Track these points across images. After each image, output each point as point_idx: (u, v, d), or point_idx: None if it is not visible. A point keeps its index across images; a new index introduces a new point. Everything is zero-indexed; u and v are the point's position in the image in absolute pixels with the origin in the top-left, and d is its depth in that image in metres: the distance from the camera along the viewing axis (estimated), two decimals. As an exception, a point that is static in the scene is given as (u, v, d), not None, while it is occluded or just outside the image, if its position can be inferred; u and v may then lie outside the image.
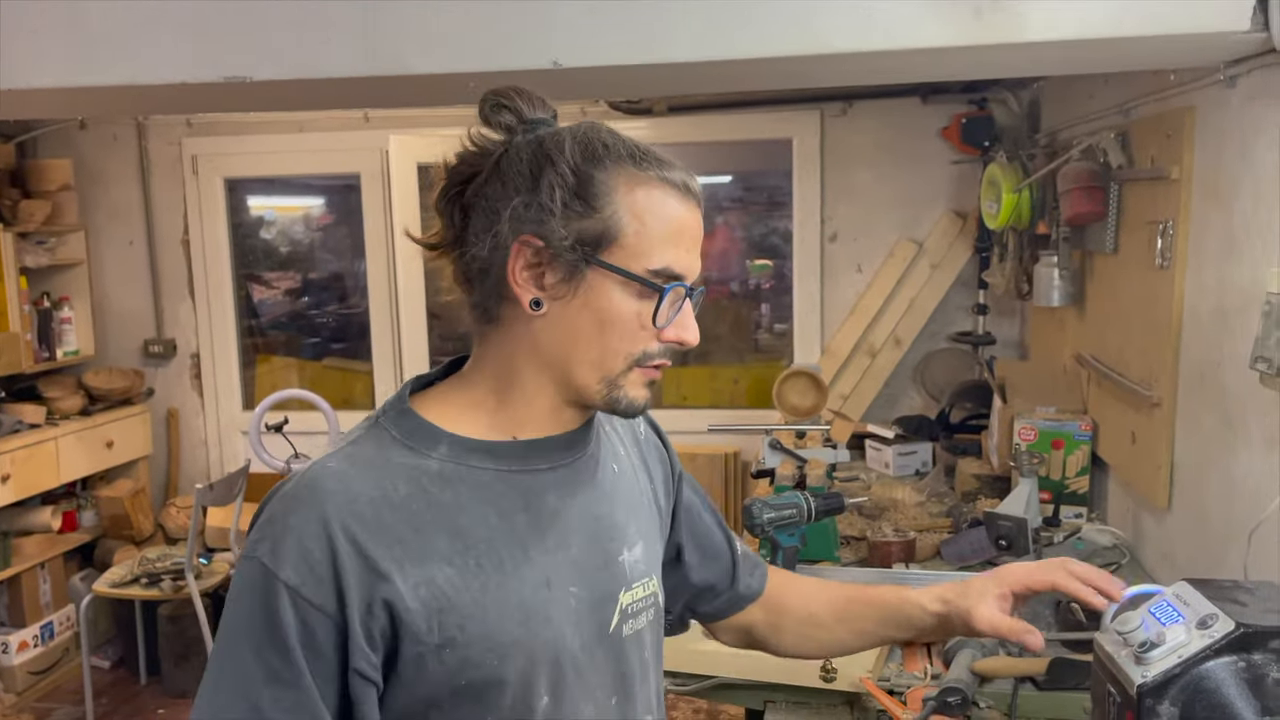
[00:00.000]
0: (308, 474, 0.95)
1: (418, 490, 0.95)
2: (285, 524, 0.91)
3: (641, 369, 0.98)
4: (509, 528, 0.98)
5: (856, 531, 2.80)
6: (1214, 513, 2.11)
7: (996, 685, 1.92)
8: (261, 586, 0.90)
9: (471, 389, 1.02)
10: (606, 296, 0.96)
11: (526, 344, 0.99)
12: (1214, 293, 2.10)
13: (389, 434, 0.98)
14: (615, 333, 0.96)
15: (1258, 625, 1.05)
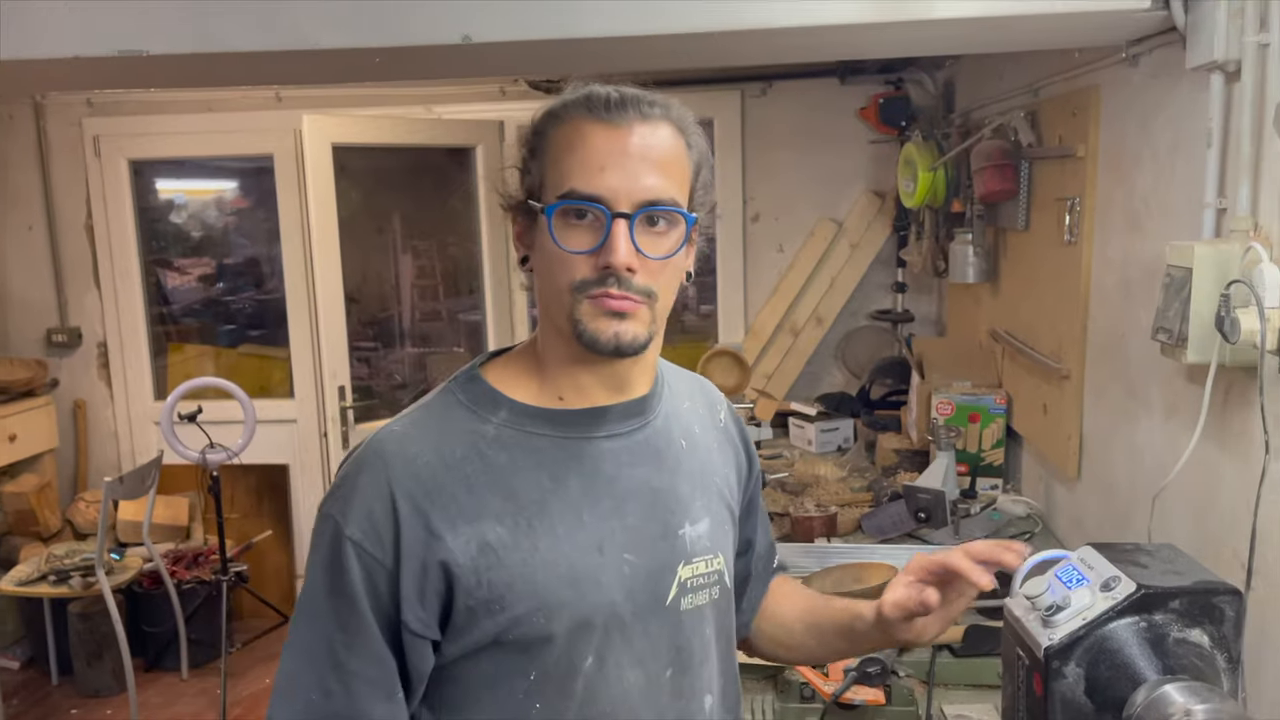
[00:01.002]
0: (375, 436, 1.02)
1: (474, 453, 1.00)
2: (354, 484, 0.98)
3: (589, 299, 0.98)
4: (563, 492, 1.01)
5: (780, 508, 2.83)
6: (1120, 480, 2.18)
7: (915, 654, 1.96)
8: (331, 540, 0.97)
9: (523, 354, 1.09)
10: (543, 235, 1.00)
11: (538, 302, 1.06)
12: (1119, 267, 2.16)
13: (455, 398, 1.04)
14: (553, 267, 0.99)
15: (1157, 586, 1.09)
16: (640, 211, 0.97)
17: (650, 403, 1.09)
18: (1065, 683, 1.09)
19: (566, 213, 0.98)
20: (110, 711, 3.80)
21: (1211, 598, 1.07)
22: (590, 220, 0.97)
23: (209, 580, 3.97)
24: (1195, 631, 1.07)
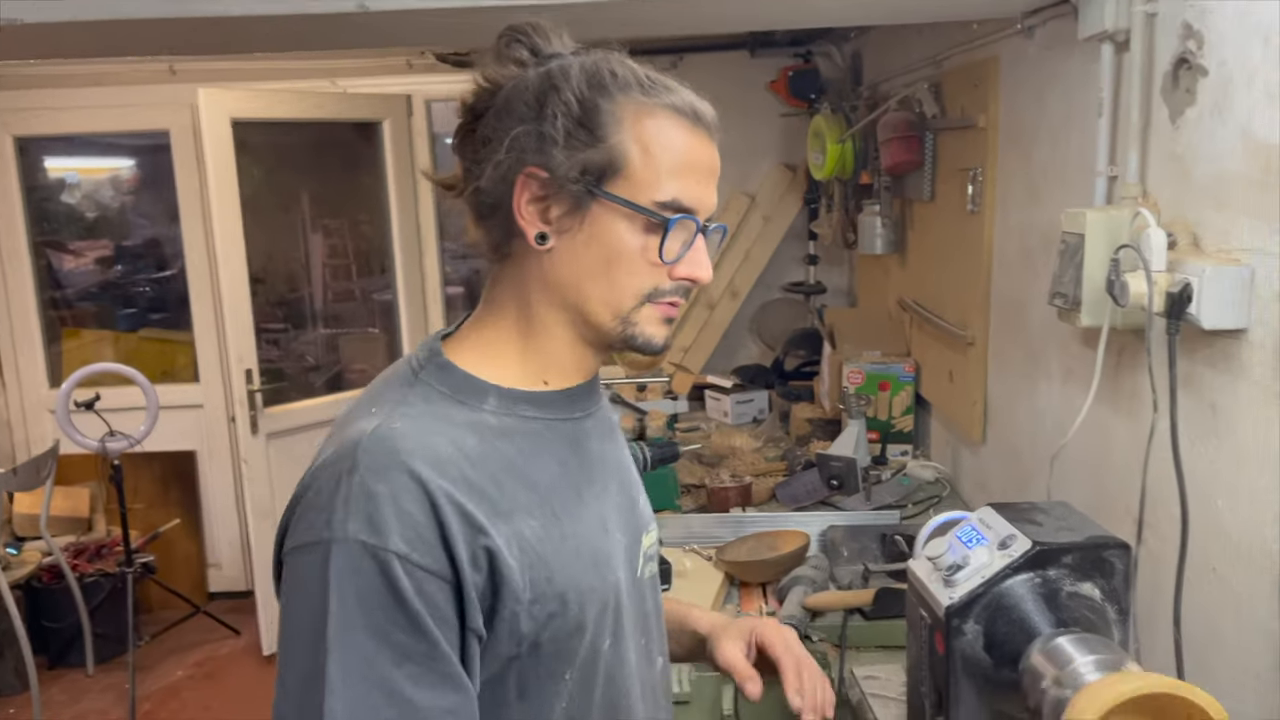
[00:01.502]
0: (374, 438, 0.87)
1: (486, 445, 0.92)
2: (372, 492, 0.84)
3: (655, 305, 0.95)
4: (567, 475, 0.98)
5: (696, 479, 2.84)
6: (1022, 443, 2.25)
7: (828, 618, 1.99)
8: (368, 566, 0.83)
9: (494, 332, 0.99)
10: (612, 230, 0.92)
11: (538, 281, 0.96)
12: (1019, 235, 2.22)
13: (435, 389, 0.95)
14: (623, 268, 0.93)
15: (1051, 543, 1.12)
16: (711, 228, 0.97)
17: (599, 380, 1.08)
18: (965, 640, 1.12)
19: (688, 228, 0.94)
20: (13, 711, 3.66)
21: (1102, 552, 1.11)
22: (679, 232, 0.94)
23: (113, 573, 3.84)
24: (1087, 585, 1.10)
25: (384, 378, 0.99)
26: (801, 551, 2.14)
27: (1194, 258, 1.46)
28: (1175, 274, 1.45)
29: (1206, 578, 1.48)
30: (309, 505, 0.86)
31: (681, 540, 2.32)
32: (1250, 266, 1.38)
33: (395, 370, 0.99)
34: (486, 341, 0.99)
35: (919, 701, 1.24)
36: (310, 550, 0.84)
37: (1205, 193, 1.49)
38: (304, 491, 0.88)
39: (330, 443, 0.92)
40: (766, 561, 2.12)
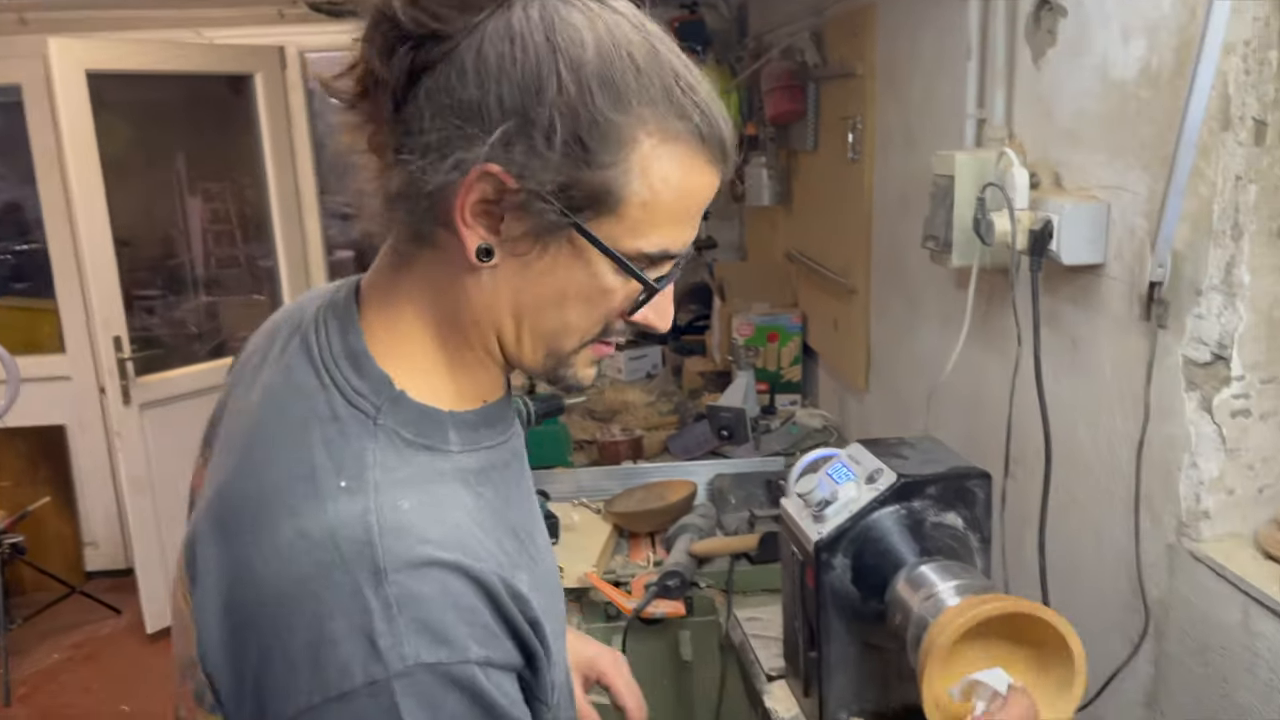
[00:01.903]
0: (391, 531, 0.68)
1: (477, 498, 0.76)
2: (420, 597, 0.66)
3: (597, 345, 0.80)
4: (525, 502, 0.86)
5: (588, 435, 2.83)
6: (903, 387, 2.29)
7: (715, 564, 2.01)
8: (448, 692, 0.66)
9: (415, 343, 0.78)
10: (580, 268, 0.73)
11: (463, 293, 0.75)
12: (897, 181, 2.24)
13: (400, 436, 0.74)
14: (578, 310, 0.76)
15: (916, 475, 1.13)
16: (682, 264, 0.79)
17: None
18: (834, 574, 1.13)
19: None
20: (-128, 706, 3.45)
21: (964, 482, 1.13)
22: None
23: (-20, 555, 3.64)
24: (950, 515, 1.12)
25: (303, 421, 0.73)
26: (689, 500, 2.15)
27: (1055, 196, 1.49)
28: (1038, 212, 1.48)
29: (1069, 507, 1.53)
30: (321, 637, 0.64)
31: (571, 495, 2.31)
32: (1107, 203, 1.42)
33: (326, 411, 0.73)
34: (410, 352, 0.77)
35: (793, 637, 1.25)
36: (358, 699, 0.64)
37: (1066, 132, 1.52)
38: (283, 610, 0.66)
39: (280, 540, 0.67)
40: (654, 511, 2.12)
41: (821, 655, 1.16)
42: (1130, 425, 1.37)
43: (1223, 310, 1.22)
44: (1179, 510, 1.29)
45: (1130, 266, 1.37)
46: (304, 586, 0.65)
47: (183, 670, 0.74)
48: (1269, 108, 1.16)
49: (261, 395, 0.77)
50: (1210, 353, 1.24)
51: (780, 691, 1.31)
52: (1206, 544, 1.26)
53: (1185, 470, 1.27)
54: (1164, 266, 1.27)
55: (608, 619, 1.92)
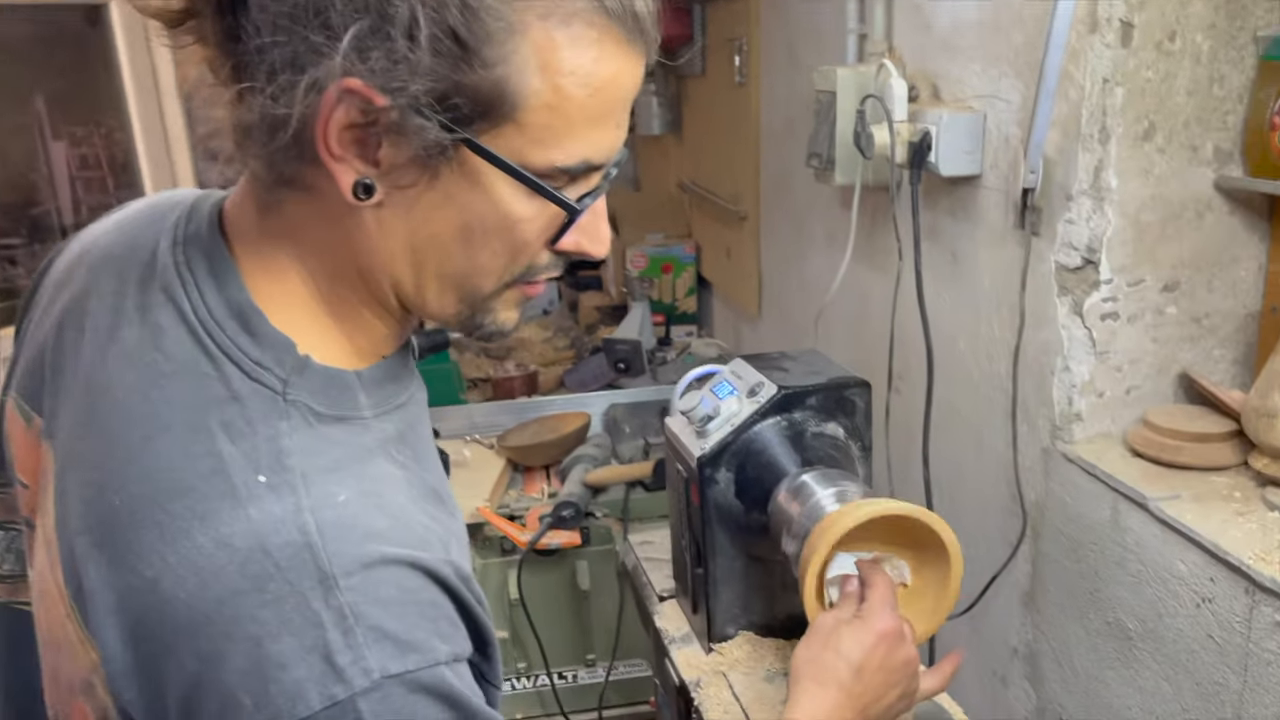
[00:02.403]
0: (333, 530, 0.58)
1: (403, 469, 0.67)
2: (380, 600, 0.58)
3: (521, 285, 0.67)
4: (434, 455, 0.76)
5: (482, 373, 2.78)
6: (793, 311, 2.30)
7: (610, 493, 2.00)
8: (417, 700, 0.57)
9: (301, 295, 0.65)
10: (481, 196, 0.61)
11: (354, 236, 0.63)
12: (782, 103, 2.22)
13: (312, 411, 0.62)
14: (488, 246, 0.63)
15: (796, 386, 1.12)
16: (614, 173, 0.66)
17: None
18: (718, 489, 1.12)
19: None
20: None
21: (843, 391, 1.12)
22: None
23: None
24: (831, 425, 1.12)
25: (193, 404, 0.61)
26: (583, 431, 2.13)
27: (933, 107, 1.48)
28: (916, 124, 1.47)
29: (951, 417, 1.56)
30: (264, 657, 0.55)
31: (463, 431, 2.26)
32: (982, 113, 1.42)
33: (222, 390, 0.61)
34: (301, 306, 0.65)
35: (681, 556, 1.25)
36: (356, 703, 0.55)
37: (943, 43, 1.51)
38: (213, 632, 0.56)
39: (196, 550, 0.57)
40: (547, 444, 2.10)
41: (708, 571, 1.15)
42: (1007, 333, 1.39)
43: (1092, 215, 1.24)
44: (1053, 414, 1.32)
45: (1005, 176, 1.38)
46: (233, 606, 0.55)
47: (72, 689, 0.64)
48: (1135, 9, 1.16)
49: (125, 367, 0.63)
50: (1081, 258, 1.26)
51: (671, 611, 1.31)
52: (1078, 445, 1.29)
53: (1058, 374, 1.30)
54: (1036, 173, 1.27)
55: (503, 553, 1.90)
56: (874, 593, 0.91)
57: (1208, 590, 1.07)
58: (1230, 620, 1.04)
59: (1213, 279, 1.27)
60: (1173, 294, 1.27)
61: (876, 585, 0.91)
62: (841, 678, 0.85)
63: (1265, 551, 1.01)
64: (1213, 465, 1.18)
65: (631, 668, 1.95)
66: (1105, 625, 1.25)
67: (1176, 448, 1.20)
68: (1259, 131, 1.18)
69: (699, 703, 1.12)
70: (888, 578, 0.93)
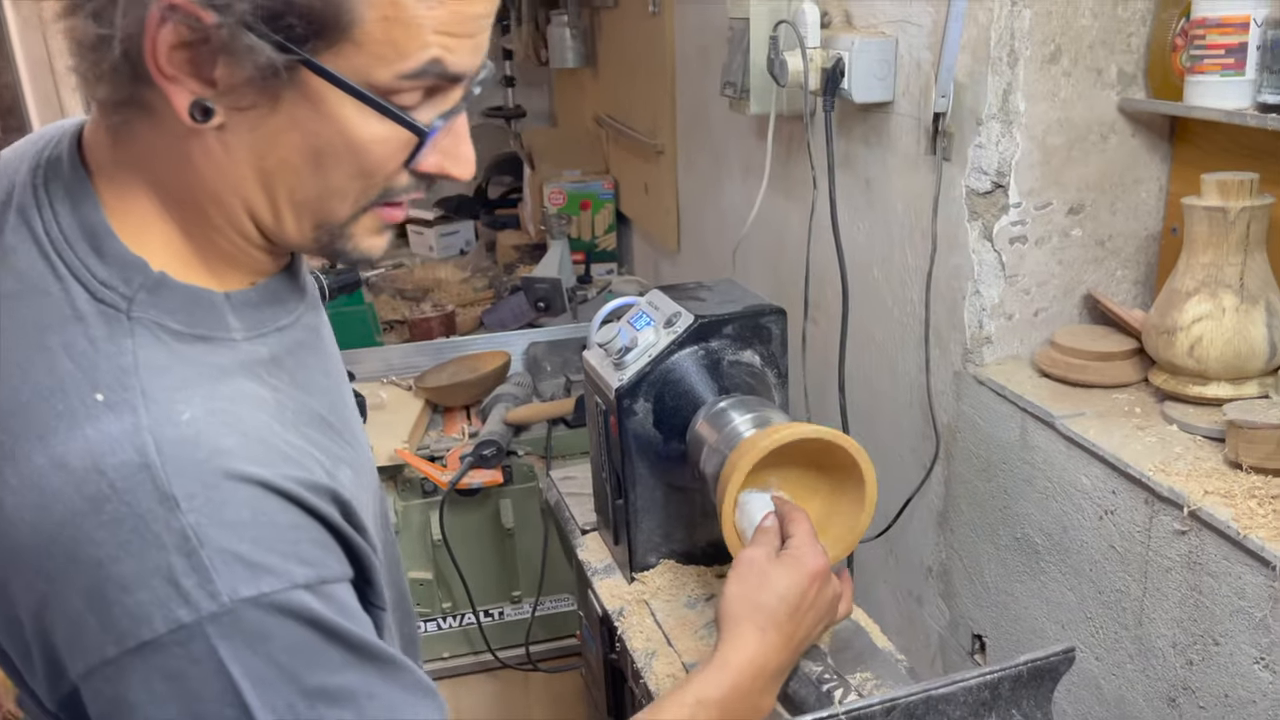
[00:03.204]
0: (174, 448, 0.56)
1: (274, 391, 0.64)
2: (227, 523, 0.56)
3: (376, 211, 0.65)
4: (334, 386, 0.74)
5: (399, 315, 2.72)
6: (711, 245, 2.29)
7: (532, 431, 1.99)
8: (275, 622, 0.56)
9: (154, 217, 0.63)
10: (325, 118, 0.59)
11: (198, 162, 0.61)
12: (696, 33, 2.19)
13: (165, 329, 0.61)
14: (339, 170, 0.61)
15: (713, 315, 1.12)
16: (477, 91, 0.65)
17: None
18: (636, 419, 1.11)
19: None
20: None
21: (759, 319, 1.12)
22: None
23: None
24: (747, 353, 1.12)
25: (36, 326, 0.59)
26: (503, 370, 2.11)
27: (846, 33, 1.47)
28: (829, 50, 1.46)
29: (866, 345, 1.58)
30: (106, 581, 0.54)
31: (380, 373, 2.22)
32: (894, 38, 1.41)
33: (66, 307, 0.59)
34: (155, 228, 0.63)
35: (602, 488, 1.25)
36: (165, 649, 0.54)
37: (855, -33, 1.50)
38: (53, 558, 0.55)
39: (32, 473, 0.56)
40: (466, 383, 2.07)
41: (628, 502, 1.15)
42: (920, 260, 1.41)
43: (1000, 138, 1.25)
44: (964, 338, 1.34)
45: (917, 101, 1.38)
46: (73, 528, 0.54)
47: None
48: (1041, -70, 1.16)
49: None
50: (990, 182, 1.27)
51: (593, 543, 1.31)
52: (989, 368, 1.32)
53: (969, 298, 1.32)
54: (946, 97, 1.28)
55: (424, 494, 1.88)
56: (800, 528, 0.91)
57: (1110, 503, 1.11)
58: (1131, 530, 1.08)
59: (1116, 201, 1.30)
60: (1078, 216, 1.29)
61: (800, 522, 0.92)
62: (780, 620, 0.86)
63: (1164, 463, 1.05)
64: (1116, 383, 1.22)
65: (557, 602, 1.96)
66: (1014, 541, 1.29)
67: (1081, 367, 1.23)
68: (1161, 53, 1.20)
69: (622, 631, 1.13)
70: (806, 514, 0.93)
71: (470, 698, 1.98)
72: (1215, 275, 1.09)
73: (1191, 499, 0.98)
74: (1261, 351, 1.08)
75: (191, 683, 0.55)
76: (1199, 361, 1.09)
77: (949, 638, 1.47)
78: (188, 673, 0.55)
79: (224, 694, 0.55)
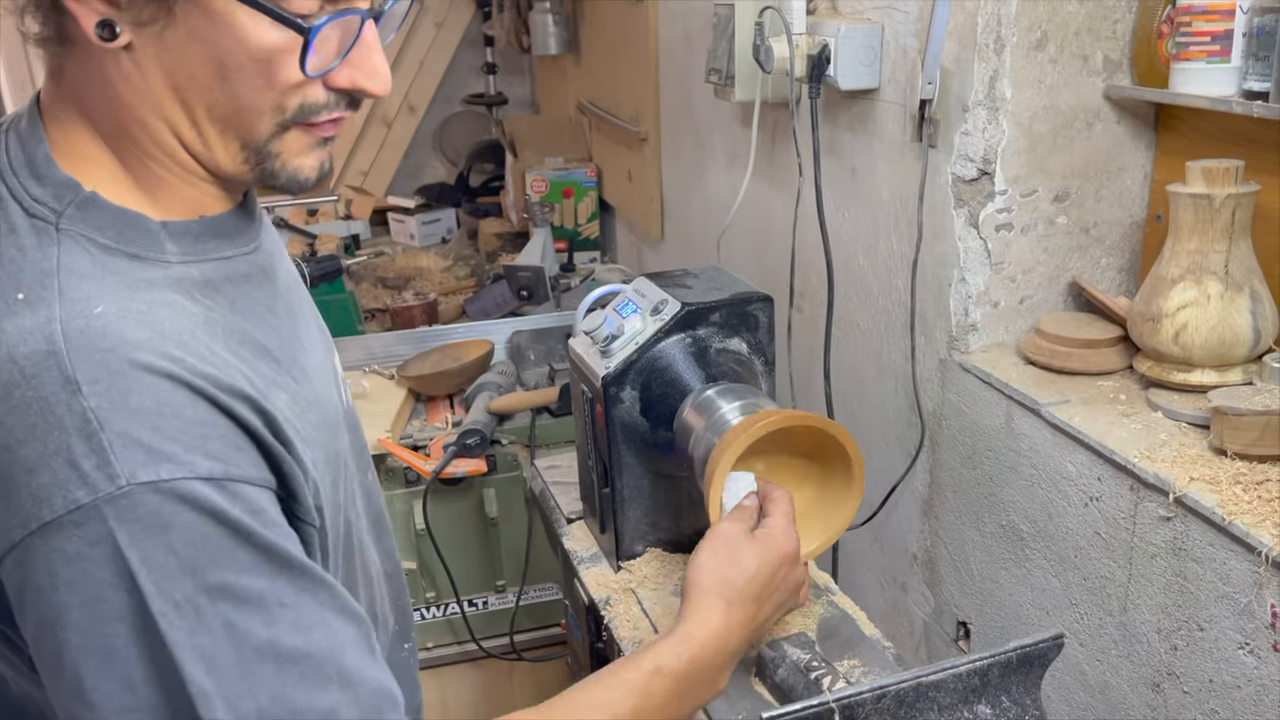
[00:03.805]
0: (83, 337, 0.58)
1: (204, 309, 0.66)
2: (129, 410, 0.57)
3: (304, 127, 0.67)
4: (283, 322, 0.74)
5: (380, 304, 2.70)
6: (695, 232, 2.29)
7: (517, 420, 1.98)
8: (175, 509, 0.57)
9: (90, 146, 0.67)
10: (224, 26, 0.61)
11: (117, 84, 0.64)
12: (680, 19, 2.18)
13: (94, 242, 0.64)
14: (246, 82, 0.64)
15: (699, 302, 1.11)
16: (390, 5, 0.67)
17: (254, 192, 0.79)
18: (623, 407, 1.11)
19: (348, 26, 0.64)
20: None
21: (746, 307, 1.12)
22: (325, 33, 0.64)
23: None
24: (734, 340, 1.12)
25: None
26: (486, 359, 2.09)
27: (832, 19, 1.47)
28: (815, 36, 1.45)
29: (852, 333, 1.58)
30: (13, 465, 0.56)
31: (362, 362, 2.20)
32: (880, 25, 1.41)
33: (9, 220, 0.64)
34: (92, 158, 0.67)
35: (588, 477, 1.24)
36: (63, 529, 0.56)
37: (841, -47, 1.49)
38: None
39: None
40: (449, 372, 2.06)
41: (615, 490, 1.15)
42: (906, 247, 1.41)
43: (987, 125, 1.25)
44: (950, 325, 1.34)
45: (903, 89, 1.38)
46: None
47: None
48: (1029, -85, 1.16)
49: None
50: (976, 169, 1.27)
51: (579, 532, 1.31)
52: (974, 355, 1.32)
53: (955, 286, 1.32)
54: (933, 84, 1.27)
55: (408, 484, 1.87)
56: (779, 509, 0.91)
57: (1095, 489, 1.11)
58: (1116, 516, 1.09)
59: (1101, 188, 1.30)
60: (1063, 204, 1.30)
61: (780, 502, 0.92)
62: (747, 598, 0.86)
63: (1149, 450, 1.05)
64: (1101, 370, 1.22)
65: (542, 592, 1.96)
66: (999, 528, 1.30)
67: (1066, 354, 1.23)
68: (1147, 40, 1.20)
69: (609, 620, 1.12)
70: (789, 496, 0.93)
71: (455, 687, 1.97)
72: (1200, 262, 1.09)
73: (1177, 485, 0.98)
74: (1246, 338, 1.08)
75: (89, 564, 0.56)
76: (1184, 348, 1.10)
77: (934, 625, 1.47)
78: (85, 555, 0.56)
79: (119, 579, 0.56)
